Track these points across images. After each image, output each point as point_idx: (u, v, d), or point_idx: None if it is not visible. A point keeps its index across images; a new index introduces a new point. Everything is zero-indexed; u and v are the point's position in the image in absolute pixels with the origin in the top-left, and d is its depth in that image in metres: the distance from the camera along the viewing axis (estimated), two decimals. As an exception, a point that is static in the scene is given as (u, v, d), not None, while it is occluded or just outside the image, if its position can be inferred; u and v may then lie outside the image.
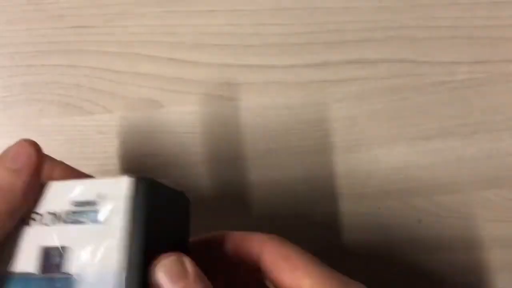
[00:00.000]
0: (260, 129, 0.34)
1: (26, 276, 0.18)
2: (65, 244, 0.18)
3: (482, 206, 0.34)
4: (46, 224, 0.18)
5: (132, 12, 0.35)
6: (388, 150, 0.34)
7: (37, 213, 0.19)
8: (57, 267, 0.18)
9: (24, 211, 0.19)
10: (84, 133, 0.33)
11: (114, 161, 0.33)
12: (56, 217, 0.18)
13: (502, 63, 0.36)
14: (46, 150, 0.33)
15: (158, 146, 0.33)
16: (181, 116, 0.34)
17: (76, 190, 0.19)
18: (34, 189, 0.19)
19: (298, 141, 0.34)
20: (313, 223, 0.33)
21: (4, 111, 0.33)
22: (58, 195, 0.19)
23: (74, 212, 0.18)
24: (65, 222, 0.18)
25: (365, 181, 0.34)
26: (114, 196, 0.18)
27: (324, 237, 0.33)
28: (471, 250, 0.34)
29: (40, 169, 0.19)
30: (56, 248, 0.18)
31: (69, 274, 0.17)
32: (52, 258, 0.18)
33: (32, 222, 0.19)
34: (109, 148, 0.33)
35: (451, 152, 0.35)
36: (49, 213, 0.19)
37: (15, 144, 0.19)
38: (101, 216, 0.18)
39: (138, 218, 0.17)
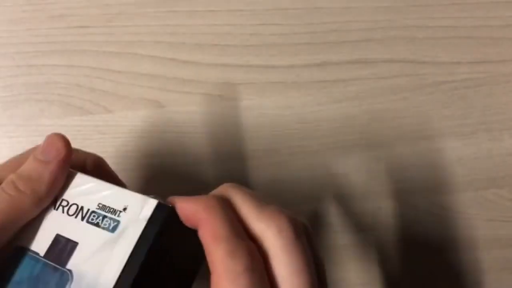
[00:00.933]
0: (261, 129, 0.34)
1: (34, 256, 0.19)
2: (76, 239, 0.19)
3: (482, 206, 0.34)
4: (68, 215, 0.19)
5: (132, 12, 0.35)
6: (388, 150, 0.34)
7: (66, 201, 0.20)
8: (60, 256, 0.18)
9: (50, 200, 0.20)
10: (84, 133, 0.33)
11: (114, 161, 0.33)
12: (80, 212, 0.19)
13: (502, 63, 0.36)
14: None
15: (158, 146, 0.33)
16: (181, 116, 0.34)
17: (106, 193, 0.20)
18: (60, 180, 0.20)
19: (298, 141, 0.34)
20: (313, 222, 0.33)
21: (4, 111, 0.33)
22: (89, 192, 0.20)
23: (96, 214, 0.19)
24: (86, 220, 0.19)
25: (365, 180, 0.34)
26: (136, 212, 0.19)
27: (324, 237, 0.33)
28: (471, 250, 0.34)
29: (67, 162, 0.20)
30: (67, 240, 0.19)
31: (67, 269, 0.18)
32: (59, 247, 0.19)
33: (59, 207, 0.20)
34: (109, 148, 0.33)
35: (451, 152, 0.35)
36: (76, 205, 0.20)
37: (46, 137, 0.20)
38: (117, 227, 0.19)
39: (147, 241, 0.18)
